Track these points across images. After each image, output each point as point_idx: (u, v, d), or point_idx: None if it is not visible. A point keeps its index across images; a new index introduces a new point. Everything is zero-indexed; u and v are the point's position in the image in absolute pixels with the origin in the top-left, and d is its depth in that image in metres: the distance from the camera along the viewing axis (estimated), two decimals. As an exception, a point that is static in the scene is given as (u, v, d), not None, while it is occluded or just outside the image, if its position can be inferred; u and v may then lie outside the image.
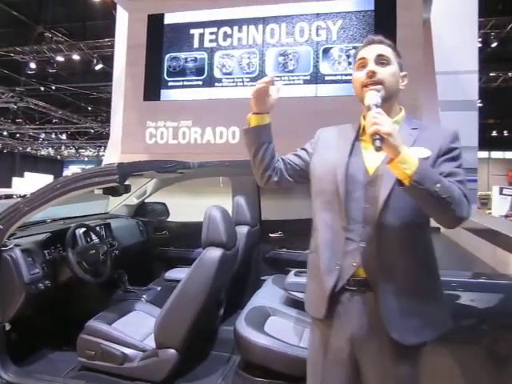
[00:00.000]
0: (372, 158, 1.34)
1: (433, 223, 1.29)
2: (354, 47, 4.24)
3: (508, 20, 10.06)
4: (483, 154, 19.87)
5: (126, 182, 2.28)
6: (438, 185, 1.15)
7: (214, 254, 2.23)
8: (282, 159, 1.50)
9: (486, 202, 12.21)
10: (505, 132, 18.99)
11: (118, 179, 2.12)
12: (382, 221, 1.27)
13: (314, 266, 1.41)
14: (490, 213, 10.10)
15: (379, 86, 1.31)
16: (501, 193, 10.19)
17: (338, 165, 1.36)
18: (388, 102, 1.34)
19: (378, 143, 1.16)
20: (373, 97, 1.27)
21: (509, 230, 2.11)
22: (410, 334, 1.27)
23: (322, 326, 1.41)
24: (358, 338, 1.32)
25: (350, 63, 4.27)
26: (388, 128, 1.15)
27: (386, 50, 1.37)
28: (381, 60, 1.34)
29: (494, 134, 18.95)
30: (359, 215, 1.32)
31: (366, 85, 1.32)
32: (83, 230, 2.90)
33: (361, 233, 1.31)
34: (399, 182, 1.19)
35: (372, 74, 1.32)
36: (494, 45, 10.39)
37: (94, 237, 2.99)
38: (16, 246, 2.37)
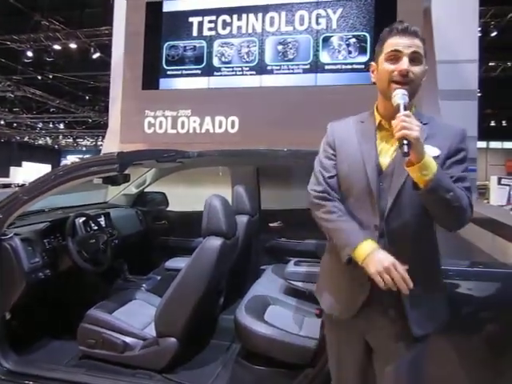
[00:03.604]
0: (383, 154, 1.35)
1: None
2: (354, 36, 4.21)
3: (508, 9, 9.98)
4: (481, 144, 19.86)
5: (126, 172, 2.28)
6: (451, 193, 1.16)
7: (214, 243, 2.24)
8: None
9: (483, 192, 12.24)
10: (503, 122, 18.95)
11: (118, 168, 2.11)
12: (392, 216, 1.29)
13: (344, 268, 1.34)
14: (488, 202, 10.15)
15: (408, 87, 1.26)
16: (499, 183, 10.21)
17: (366, 161, 1.33)
18: (410, 101, 1.28)
19: (405, 149, 1.13)
20: (403, 96, 1.23)
21: (508, 219, 2.11)
22: (418, 325, 1.29)
23: (341, 323, 1.42)
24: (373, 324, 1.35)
25: (349, 52, 4.24)
26: (417, 133, 1.13)
27: (419, 45, 1.28)
28: (415, 57, 1.27)
29: (493, 124, 18.91)
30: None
31: (396, 82, 1.27)
32: (83, 219, 2.90)
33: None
34: (414, 185, 1.19)
35: (406, 74, 1.26)
36: (493, 34, 10.31)
37: (93, 226, 2.99)
38: (16, 235, 2.36)
